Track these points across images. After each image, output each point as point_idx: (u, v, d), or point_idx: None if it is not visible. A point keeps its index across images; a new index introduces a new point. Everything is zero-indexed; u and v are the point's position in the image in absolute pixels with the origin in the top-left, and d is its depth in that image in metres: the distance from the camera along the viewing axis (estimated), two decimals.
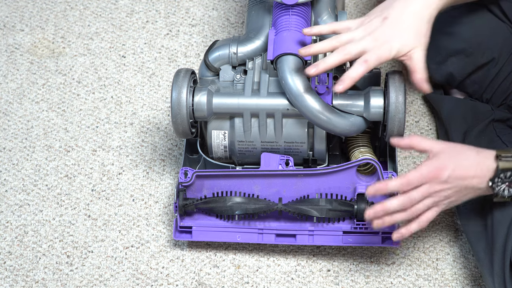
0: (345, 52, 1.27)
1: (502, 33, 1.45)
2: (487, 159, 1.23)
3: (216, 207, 1.38)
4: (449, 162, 1.22)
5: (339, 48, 1.27)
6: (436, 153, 1.24)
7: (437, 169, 1.22)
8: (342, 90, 1.26)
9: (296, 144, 1.39)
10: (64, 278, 1.44)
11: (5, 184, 1.56)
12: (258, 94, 1.37)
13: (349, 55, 1.26)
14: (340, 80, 1.26)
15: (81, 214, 1.51)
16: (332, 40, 1.29)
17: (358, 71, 1.26)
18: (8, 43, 1.77)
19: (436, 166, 1.22)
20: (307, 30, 1.32)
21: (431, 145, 1.24)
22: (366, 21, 1.28)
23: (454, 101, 1.53)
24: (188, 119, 1.37)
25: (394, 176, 1.36)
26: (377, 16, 1.27)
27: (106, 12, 1.81)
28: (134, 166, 1.57)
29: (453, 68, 1.49)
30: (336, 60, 1.27)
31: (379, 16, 1.27)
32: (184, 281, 1.42)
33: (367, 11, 1.78)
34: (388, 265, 1.43)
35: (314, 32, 1.32)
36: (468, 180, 1.23)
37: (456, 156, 1.23)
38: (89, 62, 1.73)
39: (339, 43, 1.28)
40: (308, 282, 1.42)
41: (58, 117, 1.65)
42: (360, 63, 1.26)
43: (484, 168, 1.23)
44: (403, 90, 1.32)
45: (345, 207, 1.36)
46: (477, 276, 1.41)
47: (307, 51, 1.29)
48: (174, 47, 1.75)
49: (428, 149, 1.24)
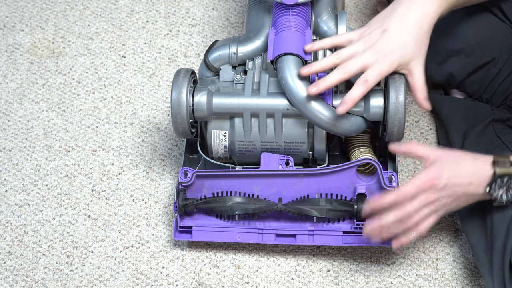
0: (346, 70, 1.27)
1: (502, 33, 1.45)
2: (483, 165, 1.24)
3: (216, 207, 1.38)
4: (445, 171, 1.23)
5: (340, 65, 1.28)
6: (432, 161, 1.25)
7: (432, 179, 1.23)
8: (344, 112, 1.28)
9: (296, 144, 1.39)
10: (64, 278, 1.44)
11: (5, 184, 1.56)
12: (258, 94, 1.37)
13: (349, 73, 1.27)
14: (342, 102, 1.27)
15: (81, 214, 1.51)
16: (333, 56, 1.29)
17: (359, 92, 1.27)
18: (8, 43, 1.77)
19: (431, 176, 1.23)
20: (308, 47, 1.33)
21: (427, 152, 1.26)
22: (366, 32, 1.29)
23: (454, 101, 1.53)
24: (188, 119, 1.37)
25: (394, 176, 1.36)
26: (377, 27, 1.28)
27: (106, 12, 1.81)
28: (134, 166, 1.57)
29: (453, 68, 1.49)
30: (336, 78, 1.28)
31: (379, 27, 1.28)
32: (184, 281, 1.42)
33: (367, 11, 1.78)
34: (388, 265, 1.43)
35: (316, 48, 1.33)
36: (464, 187, 1.24)
37: (452, 164, 1.24)
38: (89, 62, 1.73)
39: (340, 59, 1.29)
40: (308, 282, 1.42)
41: (58, 117, 1.65)
42: (361, 83, 1.27)
43: (480, 175, 1.24)
44: (403, 90, 1.32)
45: (345, 207, 1.36)
46: (477, 276, 1.41)
47: (308, 71, 1.30)
48: (174, 47, 1.75)
49: (425, 157, 1.26)
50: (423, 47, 1.28)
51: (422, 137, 1.58)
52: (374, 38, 1.27)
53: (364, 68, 1.27)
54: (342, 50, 1.29)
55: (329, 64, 1.29)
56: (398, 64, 1.27)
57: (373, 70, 1.27)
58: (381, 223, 1.26)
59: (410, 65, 1.28)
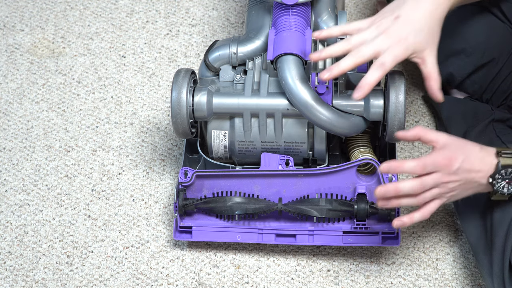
0: (359, 54, 1.23)
1: (502, 33, 1.45)
2: (489, 155, 1.23)
3: (216, 207, 1.38)
4: (459, 154, 1.21)
5: (352, 51, 1.24)
6: (443, 145, 1.22)
7: (449, 159, 1.21)
8: (361, 97, 1.23)
9: (296, 144, 1.39)
10: (64, 278, 1.44)
11: (5, 184, 1.56)
12: (258, 94, 1.37)
13: (363, 58, 1.23)
14: (358, 88, 1.23)
15: (81, 214, 1.51)
16: (343, 42, 1.26)
17: (376, 76, 1.23)
18: (8, 43, 1.77)
19: (448, 155, 1.21)
20: (316, 34, 1.28)
21: (436, 136, 1.22)
22: (377, 20, 1.25)
23: (454, 101, 1.53)
24: (188, 119, 1.37)
25: (394, 176, 1.36)
26: (388, 15, 1.25)
27: (106, 12, 1.81)
28: (134, 166, 1.57)
29: (453, 68, 1.49)
30: (350, 63, 1.24)
31: (390, 15, 1.24)
32: (184, 281, 1.42)
33: (367, 11, 1.78)
34: (388, 265, 1.43)
35: (324, 35, 1.29)
36: (473, 173, 1.23)
37: (463, 149, 1.23)
38: (89, 62, 1.73)
39: (351, 45, 1.25)
40: (308, 282, 1.42)
41: (58, 117, 1.65)
42: (377, 67, 1.23)
43: (487, 163, 1.23)
44: (403, 90, 1.32)
45: (345, 207, 1.36)
46: (477, 276, 1.41)
47: (318, 56, 1.27)
48: (174, 47, 1.75)
49: (434, 140, 1.22)
50: (436, 37, 1.25)
51: None
52: (386, 25, 1.24)
53: (378, 54, 1.23)
54: (353, 36, 1.25)
55: (340, 50, 1.26)
56: (413, 49, 1.23)
57: (388, 54, 1.23)
58: (396, 188, 1.22)
59: (424, 53, 1.24)
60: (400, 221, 1.25)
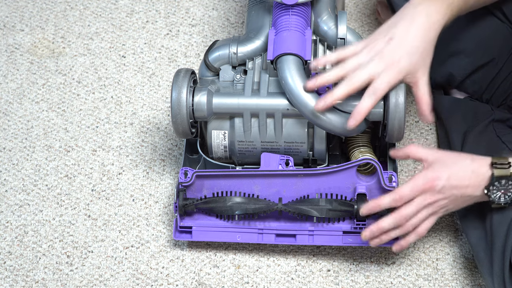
0: (353, 81, 1.25)
1: (502, 34, 1.45)
2: (482, 167, 1.24)
3: (216, 207, 1.38)
4: (443, 172, 1.23)
5: (346, 77, 1.25)
6: (431, 163, 1.25)
7: (430, 181, 1.23)
8: (354, 126, 1.26)
9: (296, 144, 1.39)
10: (64, 278, 1.44)
11: (5, 184, 1.56)
12: (258, 94, 1.37)
13: (356, 85, 1.25)
14: (352, 117, 1.25)
15: (81, 214, 1.51)
16: (338, 68, 1.26)
17: (369, 104, 1.25)
18: (8, 43, 1.77)
19: (430, 177, 1.23)
20: (314, 64, 1.29)
21: (426, 154, 1.26)
22: (370, 42, 1.26)
23: (454, 101, 1.53)
24: (188, 119, 1.37)
25: (394, 176, 1.36)
26: (382, 37, 1.25)
27: (106, 12, 1.81)
28: (134, 166, 1.57)
29: (453, 68, 1.49)
30: (344, 91, 1.25)
31: (384, 37, 1.25)
32: (184, 281, 1.42)
33: (367, 11, 1.78)
34: (388, 265, 1.43)
35: (322, 63, 1.30)
36: (462, 189, 1.24)
37: (451, 166, 1.24)
38: (89, 62, 1.73)
39: (345, 71, 1.26)
40: (308, 282, 1.42)
41: (58, 117, 1.65)
42: (369, 94, 1.25)
43: (479, 177, 1.24)
44: (403, 90, 1.32)
45: (345, 207, 1.36)
46: (477, 276, 1.41)
47: (314, 84, 1.28)
48: (174, 47, 1.75)
49: (424, 158, 1.26)
50: (429, 58, 1.26)
51: (422, 137, 1.59)
52: (380, 47, 1.25)
53: (372, 78, 1.24)
54: (347, 61, 1.26)
55: (334, 77, 1.27)
56: (406, 72, 1.25)
57: (381, 80, 1.24)
58: (379, 227, 1.26)
59: (417, 74, 1.25)
60: (398, 245, 1.30)
